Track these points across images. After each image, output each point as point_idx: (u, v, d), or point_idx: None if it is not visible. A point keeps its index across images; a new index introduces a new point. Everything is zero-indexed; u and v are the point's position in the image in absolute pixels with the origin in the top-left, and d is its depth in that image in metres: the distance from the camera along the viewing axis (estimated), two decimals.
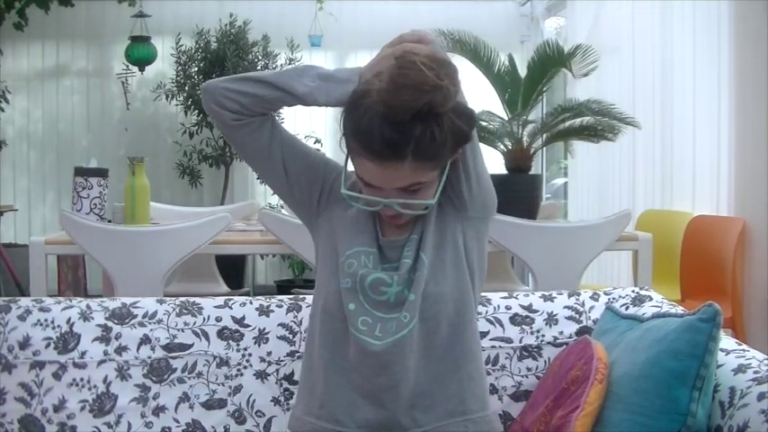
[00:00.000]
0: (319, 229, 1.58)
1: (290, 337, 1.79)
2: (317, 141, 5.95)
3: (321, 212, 1.57)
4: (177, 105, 5.97)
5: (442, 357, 1.50)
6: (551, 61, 3.26)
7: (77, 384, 1.73)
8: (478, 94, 3.51)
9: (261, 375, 1.78)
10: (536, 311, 1.87)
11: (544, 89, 3.39)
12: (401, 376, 1.46)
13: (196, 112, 5.80)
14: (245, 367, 1.77)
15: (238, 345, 1.79)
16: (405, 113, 1.33)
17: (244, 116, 1.51)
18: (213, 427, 1.74)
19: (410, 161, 1.36)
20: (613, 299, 1.89)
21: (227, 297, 1.88)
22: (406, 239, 1.51)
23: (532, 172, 3.43)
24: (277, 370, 1.78)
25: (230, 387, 1.76)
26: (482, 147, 1.54)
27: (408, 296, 1.46)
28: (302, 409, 1.56)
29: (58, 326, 1.76)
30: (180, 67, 5.83)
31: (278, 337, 1.80)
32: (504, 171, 3.37)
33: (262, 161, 1.56)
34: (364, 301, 1.47)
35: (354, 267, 1.48)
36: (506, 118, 3.38)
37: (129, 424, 1.72)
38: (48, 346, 1.74)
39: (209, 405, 1.75)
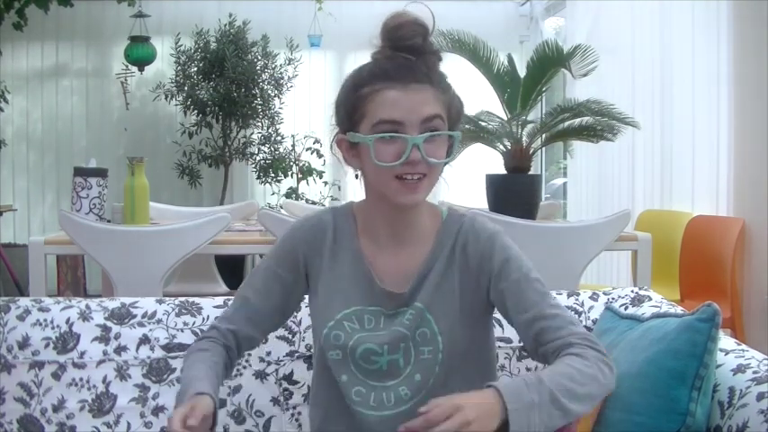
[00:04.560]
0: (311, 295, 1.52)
1: (290, 337, 1.79)
2: (317, 141, 5.95)
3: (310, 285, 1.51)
4: (176, 105, 5.97)
5: None
6: (551, 61, 3.26)
7: (77, 384, 1.72)
8: (478, 94, 3.52)
9: (260, 375, 1.77)
10: None
11: (543, 89, 3.39)
12: None
13: (195, 111, 5.80)
14: (244, 367, 1.77)
15: None
16: (411, 35, 1.37)
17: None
18: None
19: (430, 86, 1.36)
20: (613, 299, 1.89)
21: (226, 297, 1.87)
22: (406, 295, 1.42)
23: (532, 172, 3.43)
24: (276, 370, 1.78)
25: (229, 387, 1.76)
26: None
27: (414, 376, 1.39)
28: None
29: (58, 326, 1.76)
30: (179, 67, 5.84)
31: (277, 337, 1.79)
32: (503, 171, 3.37)
33: (294, 304, 1.54)
34: (356, 371, 1.42)
35: (343, 339, 1.41)
36: (506, 118, 3.38)
37: (129, 424, 1.71)
38: (47, 346, 1.74)
39: None
